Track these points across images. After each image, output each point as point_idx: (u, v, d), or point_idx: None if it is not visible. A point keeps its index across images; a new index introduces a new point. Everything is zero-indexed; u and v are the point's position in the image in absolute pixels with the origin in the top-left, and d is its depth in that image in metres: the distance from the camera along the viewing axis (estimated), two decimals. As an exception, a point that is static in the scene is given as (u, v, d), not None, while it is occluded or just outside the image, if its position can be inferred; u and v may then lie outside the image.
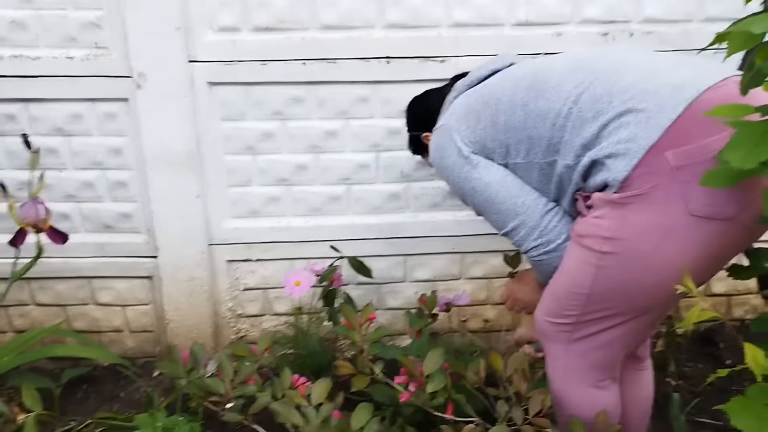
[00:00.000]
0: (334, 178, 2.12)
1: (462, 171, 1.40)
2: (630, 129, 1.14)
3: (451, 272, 2.27)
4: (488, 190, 1.37)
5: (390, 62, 2.00)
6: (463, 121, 1.40)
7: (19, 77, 1.95)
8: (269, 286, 2.24)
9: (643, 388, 1.55)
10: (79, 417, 1.98)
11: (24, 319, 2.25)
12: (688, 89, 1.13)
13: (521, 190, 1.35)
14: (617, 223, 1.17)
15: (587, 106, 1.20)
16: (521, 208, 1.34)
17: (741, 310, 2.44)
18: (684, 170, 1.09)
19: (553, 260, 1.34)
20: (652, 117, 1.12)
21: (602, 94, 1.19)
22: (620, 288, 1.22)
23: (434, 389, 1.41)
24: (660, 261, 1.16)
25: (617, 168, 1.14)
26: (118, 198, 2.12)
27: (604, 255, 1.20)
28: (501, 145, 1.34)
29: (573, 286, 1.27)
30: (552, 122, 1.24)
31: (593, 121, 1.19)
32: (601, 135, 1.18)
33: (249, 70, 1.98)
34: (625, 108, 1.15)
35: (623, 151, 1.14)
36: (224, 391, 1.42)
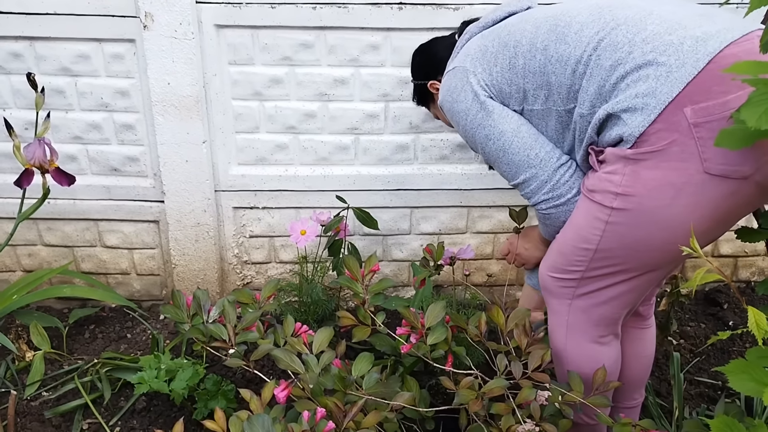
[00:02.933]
0: (342, 127, 2.10)
1: (476, 117, 1.35)
2: (649, 83, 1.11)
3: (457, 226, 2.26)
4: (502, 139, 1.32)
5: (402, 8, 1.94)
6: (478, 62, 1.34)
7: (24, 14, 1.92)
8: (275, 234, 2.24)
9: (646, 346, 1.56)
10: (86, 356, 2.02)
11: (32, 259, 2.27)
12: (710, 43, 1.09)
13: (536, 142, 1.31)
14: (630, 179, 1.15)
15: (606, 53, 1.16)
16: (534, 161, 1.30)
17: (747, 272, 2.43)
18: (702, 127, 1.07)
19: (561, 215, 1.32)
20: (673, 71, 1.09)
21: (623, 43, 1.15)
22: (628, 244, 1.21)
23: (435, 341, 1.42)
24: (671, 218, 1.14)
25: (633, 123, 1.12)
26: (125, 141, 2.11)
27: (615, 211, 1.18)
28: (518, 90, 1.30)
29: (580, 241, 1.26)
30: (572, 69, 1.21)
31: (611, 71, 1.16)
32: (619, 87, 1.15)
33: (258, 12, 1.93)
34: (645, 60, 1.12)
35: (641, 106, 1.11)
36: (227, 336, 1.43)
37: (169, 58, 1.95)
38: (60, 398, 1.83)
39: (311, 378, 1.30)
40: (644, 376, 1.59)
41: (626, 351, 1.53)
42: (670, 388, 1.84)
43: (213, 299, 2.25)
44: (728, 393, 1.85)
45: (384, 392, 1.33)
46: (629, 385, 1.56)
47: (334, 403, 1.25)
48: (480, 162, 2.16)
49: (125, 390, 1.86)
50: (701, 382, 1.94)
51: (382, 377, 1.38)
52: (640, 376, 1.58)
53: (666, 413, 1.78)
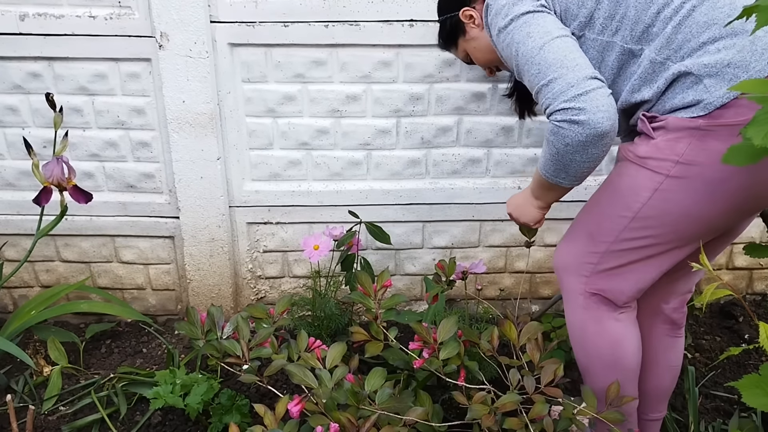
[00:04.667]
0: (355, 143, 2.12)
1: (526, 15, 1.22)
2: (744, 54, 1.06)
3: (469, 240, 2.27)
4: (544, 37, 1.19)
5: (414, 25, 1.96)
6: None
7: (43, 35, 1.96)
8: (288, 249, 2.26)
9: (677, 356, 1.56)
10: (102, 371, 2.04)
11: (50, 275, 2.31)
12: None
13: (578, 51, 1.18)
14: (695, 148, 1.12)
15: (704, 7, 1.10)
16: (570, 63, 1.16)
17: (763, 285, 2.42)
18: None
19: (572, 135, 1.15)
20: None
21: (725, 3, 1.10)
22: (671, 212, 1.19)
23: (447, 356, 1.43)
24: (724, 192, 1.13)
25: (717, 93, 1.07)
26: (141, 158, 2.14)
27: (669, 178, 1.16)
28: (587, 13, 1.22)
29: (619, 208, 1.24)
30: (658, 9, 1.14)
31: (704, 28, 1.10)
32: (707, 48, 1.09)
33: (271, 31, 1.96)
34: (742, 27, 1.07)
35: (730, 77, 1.06)
36: (240, 352, 1.45)
37: (184, 77, 1.98)
38: (77, 413, 1.85)
39: (324, 393, 1.31)
40: (671, 387, 1.59)
41: (658, 360, 1.54)
42: (686, 402, 1.83)
43: (227, 314, 2.27)
44: (743, 408, 1.83)
45: (397, 407, 1.33)
46: (658, 395, 1.56)
47: (347, 418, 1.26)
48: (492, 176, 2.17)
49: (141, 405, 1.87)
50: (717, 396, 1.93)
51: (395, 392, 1.38)
52: (668, 386, 1.58)
53: (681, 428, 1.76)
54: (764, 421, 1.71)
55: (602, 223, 1.29)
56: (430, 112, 2.08)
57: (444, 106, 2.07)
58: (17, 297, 2.34)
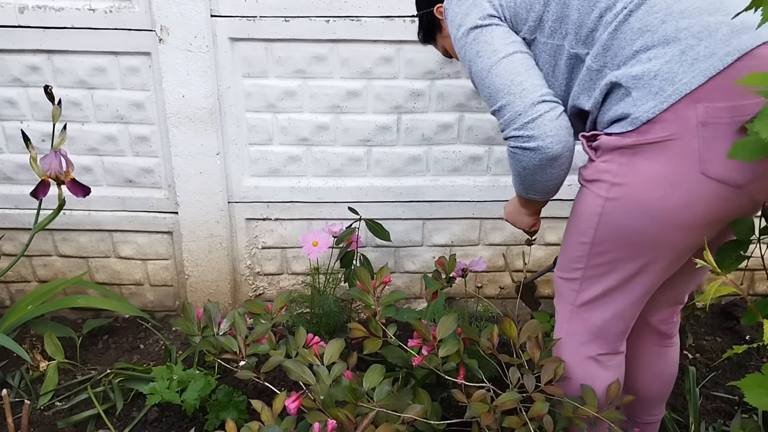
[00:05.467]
0: (355, 139, 2.10)
1: (475, 30, 1.23)
2: (671, 65, 1.03)
3: (469, 238, 2.26)
4: (492, 57, 1.20)
5: (415, 21, 1.95)
6: None
7: (42, 28, 1.95)
8: (287, 246, 2.25)
9: (668, 365, 1.52)
10: (99, 366, 2.03)
11: (47, 270, 2.30)
12: (745, 38, 1.01)
13: (525, 71, 1.19)
14: (626, 168, 1.10)
15: (640, 14, 1.08)
16: (516, 88, 1.17)
17: (764, 286, 2.40)
18: (709, 128, 1.01)
19: (527, 159, 1.18)
20: (699, 61, 1.02)
21: (660, 9, 1.06)
22: (621, 237, 1.16)
23: (446, 354, 1.41)
24: (661, 212, 1.10)
25: (644, 107, 1.06)
26: (140, 153, 2.13)
27: (609, 201, 1.14)
28: (536, 17, 1.21)
29: (579, 235, 1.23)
30: (600, 13, 1.12)
31: (638, 35, 1.08)
32: (639, 57, 1.07)
33: (272, 26, 1.95)
34: (674, 36, 1.04)
35: (656, 90, 1.04)
36: (237, 349, 1.43)
37: (184, 71, 1.97)
38: (73, 408, 1.84)
39: (322, 389, 1.30)
40: (664, 394, 1.56)
41: (646, 369, 1.51)
42: (686, 403, 1.82)
43: (225, 310, 2.26)
44: (745, 408, 1.82)
45: (395, 404, 1.32)
46: (647, 401, 1.54)
47: (345, 415, 1.24)
48: (492, 174, 2.16)
49: (138, 400, 1.86)
50: (717, 396, 1.91)
51: (393, 389, 1.37)
52: (660, 393, 1.55)
53: (682, 428, 1.75)
54: (766, 421, 1.70)
55: (571, 251, 1.27)
56: (431, 108, 2.07)
57: (445, 103, 2.06)
58: (14, 292, 2.33)
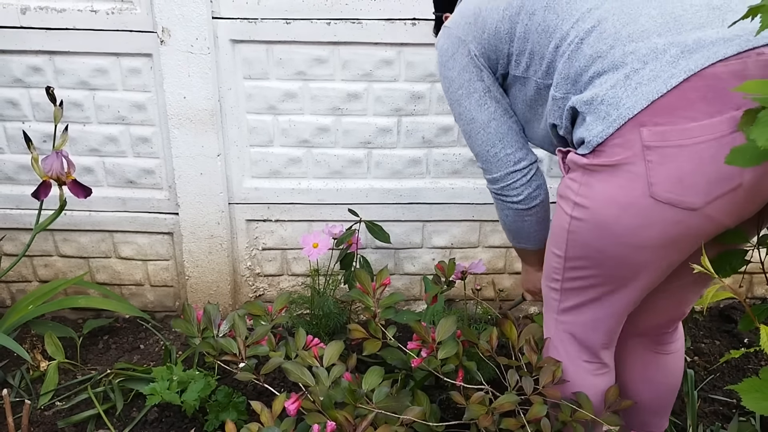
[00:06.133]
0: (355, 141, 2.11)
1: (456, 92, 1.33)
2: (617, 90, 1.04)
3: (469, 240, 2.26)
4: (470, 125, 1.34)
5: (416, 24, 1.96)
6: (470, 29, 1.27)
7: (44, 29, 1.95)
8: (288, 247, 2.26)
9: (666, 373, 1.48)
10: (99, 366, 2.04)
11: (48, 270, 2.30)
12: (695, 57, 0.99)
13: (499, 141, 1.31)
14: (585, 188, 1.11)
15: (592, 40, 1.09)
16: (492, 158, 1.33)
17: (762, 289, 2.41)
18: (654, 151, 1.01)
19: (504, 209, 1.37)
20: (643, 84, 1.02)
21: (608, 34, 1.07)
22: (589, 254, 1.17)
23: (445, 356, 1.42)
24: (621, 233, 1.10)
25: (594, 131, 1.06)
26: (141, 153, 2.13)
27: (574, 219, 1.15)
28: (504, 55, 1.25)
29: (554, 247, 1.24)
30: (556, 44, 1.14)
31: (591, 63, 1.09)
32: (593, 82, 1.08)
33: (273, 28, 1.95)
34: (621, 61, 1.05)
35: (603, 115, 1.05)
36: (237, 350, 1.44)
37: (185, 73, 1.97)
38: (73, 408, 1.85)
39: (321, 391, 1.30)
40: (663, 406, 1.52)
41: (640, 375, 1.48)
42: (684, 405, 1.82)
43: (225, 311, 2.26)
44: (743, 411, 1.83)
45: (394, 406, 1.32)
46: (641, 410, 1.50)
47: (344, 417, 1.25)
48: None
49: (138, 401, 1.87)
50: (716, 399, 1.92)
51: (392, 391, 1.37)
52: (657, 404, 1.51)
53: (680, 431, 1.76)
54: (763, 425, 1.70)
55: (549, 261, 1.28)
56: (432, 111, 2.08)
57: (445, 106, 2.06)
58: (15, 291, 2.34)
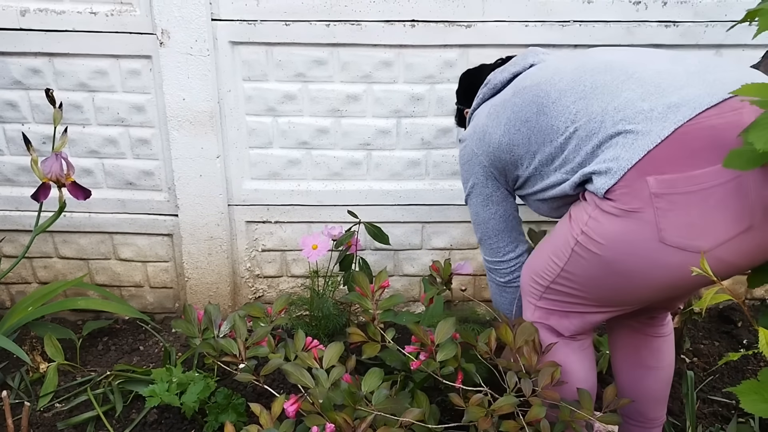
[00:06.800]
0: (355, 143, 2.11)
1: (468, 189, 1.56)
2: (616, 150, 1.13)
3: (468, 241, 2.27)
4: (475, 217, 1.58)
5: (415, 26, 1.96)
6: (481, 145, 1.46)
7: (43, 31, 1.96)
8: (287, 248, 2.26)
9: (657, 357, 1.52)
10: (99, 368, 2.04)
11: (48, 271, 2.30)
12: (683, 110, 1.09)
13: (496, 236, 1.55)
14: (594, 223, 1.18)
15: (584, 125, 1.20)
16: (487, 246, 1.58)
17: (762, 290, 2.41)
18: (662, 198, 1.08)
19: (489, 282, 1.62)
20: (638, 139, 1.11)
21: (597, 113, 1.18)
22: (587, 278, 1.25)
23: (444, 358, 1.42)
24: (624, 272, 1.18)
25: (599, 184, 1.15)
26: (141, 155, 2.14)
27: (579, 244, 1.22)
28: (509, 162, 1.40)
29: (553, 255, 1.31)
30: (551, 139, 1.26)
31: (587, 141, 1.19)
32: (595, 153, 1.18)
33: (272, 30, 1.96)
34: (615, 130, 1.14)
35: (605, 170, 1.14)
36: (237, 351, 1.44)
37: (185, 75, 1.98)
38: (72, 410, 1.85)
39: (321, 393, 1.30)
40: (658, 391, 1.54)
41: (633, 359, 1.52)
42: (683, 407, 1.82)
43: (225, 312, 2.27)
44: (742, 413, 1.83)
45: (393, 408, 1.32)
46: (639, 400, 1.53)
47: (343, 419, 1.25)
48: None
49: (137, 402, 1.87)
50: (714, 401, 1.92)
51: (391, 393, 1.37)
52: (652, 390, 1.54)
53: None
54: (762, 426, 1.70)
55: (543, 260, 1.35)
56: (431, 112, 2.08)
57: (445, 107, 2.07)
58: (14, 293, 2.34)
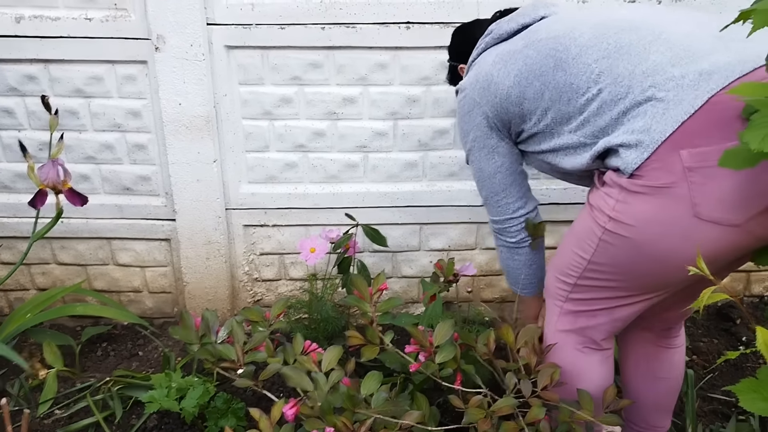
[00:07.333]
0: (352, 145, 2.11)
1: (469, 141, 1.46)
2: (646, 119, 1.08)
3: (466, 242, 2.27)
4: (479, 173, 1.48)
5: (410, 27, 1.96)
6: (484, 93, 1.37)
7: (39, 38, 1.96)
8: (285, 252, 2.26)
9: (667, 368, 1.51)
10: (98, 374, 2.03)
11: (46, 277, 2.30)
12: (715, 78, 1.03)
13: (503, 191, 1.46)
14: (623, 206, 1.14)
15: (608, 87, 1.13)
16: (494, 204, 1.49)
17: (761, 287, 2.41)
18: (696, 172, 1.04)
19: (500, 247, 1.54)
20: (670, 109, 1.06)
21: (623, 76, 1.12)
22: (617, 265, 1.20)
23: (443, 360, 1.42)
24: (658, 253, 1.13)
25: (629, 159, 1.10)
26: (137, 161, 2.13)
27: (607, 231, 1.18)
28: (517, 114, 1.32)
29: (577, 248, 1.26)
30: (568, 97, 1.19)
31: (613, 107, 1.13)
32: (621, 121, 1.12)
33: (267, 34, 1.96)
34: (644, 96, 1.09)
35: (635, 143, 1.09)
36: (235, 357, 1.44)
37: (180, 79, 1.98)
38: (72, 416, 1.85)
39: (320, 396, 1.30)
40: (666, 403, 1.54)
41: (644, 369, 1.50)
42: (683, 405, 1.82)
43: (224, 316, 2.26)
44: (741, 411, 1.83)
45: (393, 410, 1.32)
46: (644, 406, 1.53)
47: (342, 422, 1.25)
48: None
49: (137, 408, 1.87)
50: (714, 398, 1.92)
51: (391, 395, 1.37)
52: (660, 400, 1.53)
53: (679, 431, 1.76)
54: (762, 424, 1.70)
55: (567, 257, 1.30)
56: (427, 114, 2.08)
57: (441, 109, 2.07)
58: (13, 300, 2.34)
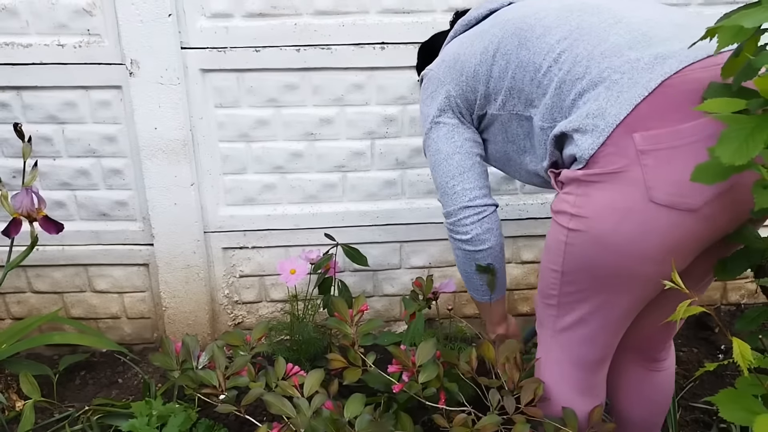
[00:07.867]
0: (330, 165, 2.11)
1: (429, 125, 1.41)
2: (599, 102, 1.07)
3: (447, 259, 2.27)
4: (436, 156, 1.40)
5: (385, 48, 1.98)
6: (449, 72, 1.35)
7: (10, 65, 1.94)
8: (265, 273, 2.25)
9: (654, 391, 1.50)
10: (77, 403, 2.00)
11: (21, 306, 2.26)
12: (669, 62, 1.04)
13: (460, 175, 1.37)
14: (582, 200, 1.12)
15: (567, 67, 1.13)
16: (448, 190, 1.39)
17: (737, 295, 2.45)
18: (648, 155, 1.03)
19: (456, 251, 1.44)
20: (624, 91, 1.05)
21: (582, 57, 1.12)
22: (587, 268, 1.17)
23: (426, 379, 1.41)
24: (620, 243, 1.10)
25: (584, 145, 1.09)
26: (113, 186, 2.12)
27: (571, 232, 1.15)
28: (482, 95, 1.31)
29: (550, 263, 1.23)
30: (531, 77, 1.19)
31: (571, 87, 1.13)
32: (576, 104, 1.12)
33: (242, 56, 1.96)
34: (600, 77, 1.08)
35: (590, 128, 1.07)
36: (217, 382, 1.42)
37: (156, 104, 1.97)
38: (51, 448, 1.81)
39: (303, 422, 1.29)
40: (653, 424, 1.54)
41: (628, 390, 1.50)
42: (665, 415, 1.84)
43: (204, 340, 2.24)
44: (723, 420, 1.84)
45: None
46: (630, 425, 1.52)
47: (326, 447, 1.24)
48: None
49: (117, 437, 1.84)
50: (696, 408, 1.94)
51: (375, 416, 1.37)
52: (647, 422, 1.52)
53: (662, 442, 1.77)
54: (743, 432, 1.72)
55: (545, 277, 1.27)
56: (404, 133, 2.09)
57: (417, 127, 2.08)
58: (-12, 330, 2.29)
